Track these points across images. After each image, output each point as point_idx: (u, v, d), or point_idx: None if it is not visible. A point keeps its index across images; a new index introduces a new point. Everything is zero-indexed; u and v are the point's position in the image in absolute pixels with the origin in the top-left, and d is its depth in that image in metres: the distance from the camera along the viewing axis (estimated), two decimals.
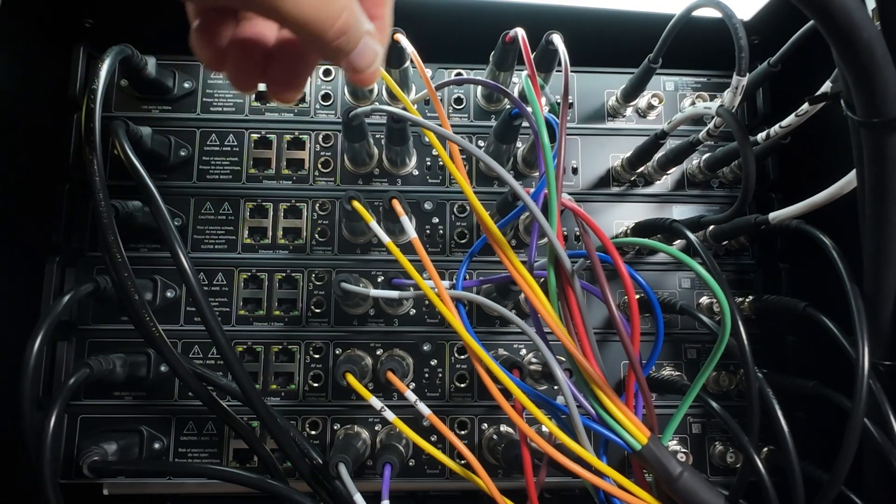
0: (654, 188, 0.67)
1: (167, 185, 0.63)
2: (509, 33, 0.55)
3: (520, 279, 0.44)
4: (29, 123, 0.61)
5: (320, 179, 0.64)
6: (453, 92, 0.67)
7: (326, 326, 0.62)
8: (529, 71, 0.49)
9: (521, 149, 0.64)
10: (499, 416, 0.62)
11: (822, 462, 0.52)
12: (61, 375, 0.59)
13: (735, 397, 0.63)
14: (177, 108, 0.64)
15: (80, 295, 0.53)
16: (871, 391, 0.47)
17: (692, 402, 0.48)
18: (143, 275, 0.60)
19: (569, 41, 0.53)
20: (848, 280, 0.49)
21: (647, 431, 0.42)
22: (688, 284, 0.66)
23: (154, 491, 0.60)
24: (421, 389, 0.62)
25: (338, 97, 0.66)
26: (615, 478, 0.44)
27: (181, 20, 0.32)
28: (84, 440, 0.57)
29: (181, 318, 0.61)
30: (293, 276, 0.62)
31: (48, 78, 0.63)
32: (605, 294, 0.44)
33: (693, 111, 0.54)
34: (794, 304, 0.56)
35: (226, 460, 0.60)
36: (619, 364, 0.64)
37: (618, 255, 0.44)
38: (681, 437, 0.63)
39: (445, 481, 0.61)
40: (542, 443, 0.44)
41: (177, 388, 0.60)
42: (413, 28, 0.54)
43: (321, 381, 0.61)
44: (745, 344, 0.47)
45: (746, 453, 0.47)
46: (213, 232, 0.63)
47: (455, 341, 0.63)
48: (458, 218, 0.64)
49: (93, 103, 0.49)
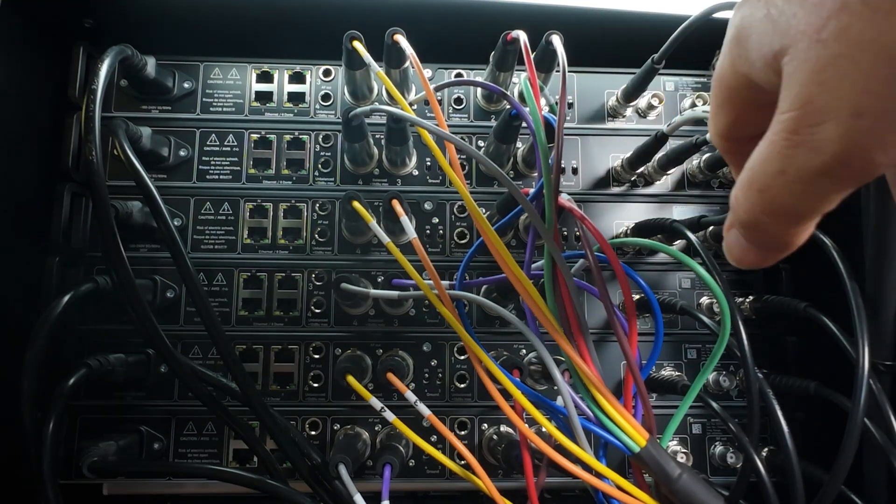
0: (655, 188, 0.66)
1: (167, 185, 0.63)
2: (511, 33, 0.55)
3: (516, 281, 0.44)
4: (29, 124, 0.61)
5: (320, 179, 0.64)
6: (453, 92, 0.66)
7: (326, 327, 0.62)
8: (529, 73, 0.49)
9: (521, 149, 0.64)
10: (499, 417, 0.62)
11: (822, 462, 0.52)
12: (61, 375, 0.59)
13: (735, 397, 0.63)
14: (177, 108, 0.64)
15: (79, 295, 0.53)
16: (871, 391, 0.47)
17: (692, 402, 0.48)
18: (143, 275, 0.60)
19: (569, 41, 0.53)
20: (848, 280, 0.48)
21: (646, 433, 0.42)
22: (688, 284, 0.66)
23: (154, 491, 0.60)
24: (421, 390, 0.62)
25: (338, 97, 0.66)
26: (614, 479, 0.44)
27: (181, 20, 0.32)
28: (84, 440, 0.57)
29: (181, 319, 0.61)
30: (293, 276, 0.62)
31: (48, 78, 0.63)
32: (602, 295, 0.44)
33: (692, 114, 0.54)
34: (794, 304, 0.56)
35: (225, 461, 0.60)
36: (619, 365, 0.63)
37: (615, 255, 0.44)
38: (681, 437, 0.63)
39: (445, 482, 0.61)
40: (541, 444, 0.44)
41: (176, 389, 0.60)
42: (413, 28, 0.54)
43: (321, 381, 0.61)
44: (745, 344, 0.47)
45: (746, 453, 0.47)
46: (212, 232, 0.63)
47: (455, 341, 0.63)
48: (458, 218, 0.64)
49: (92, 103, 0.49)
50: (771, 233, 0.24)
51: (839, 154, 0.20)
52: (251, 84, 0.65)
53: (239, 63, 0.65)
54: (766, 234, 0.24)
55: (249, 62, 0.65)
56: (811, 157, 0.20)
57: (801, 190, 0.21)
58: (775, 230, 0.24)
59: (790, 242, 0.25)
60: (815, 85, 0.20)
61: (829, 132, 0.20)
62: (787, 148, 0.21)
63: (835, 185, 0.21)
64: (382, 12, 0.65)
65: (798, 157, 0.21)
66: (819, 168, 0.20)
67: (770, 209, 0.23)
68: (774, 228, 0.24)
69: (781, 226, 0.23)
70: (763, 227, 0.24)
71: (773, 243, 0.25)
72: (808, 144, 0.20)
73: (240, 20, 0.68)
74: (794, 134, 0.21)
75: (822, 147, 0.20)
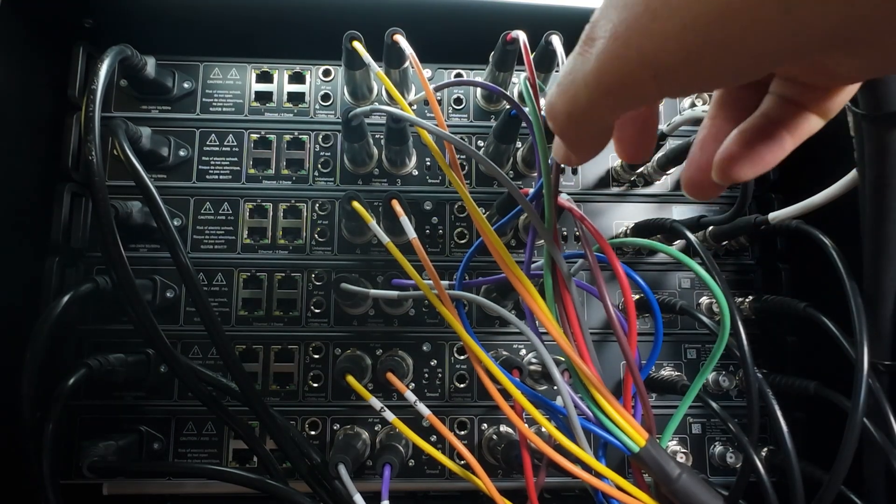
0: (654, 188, 0.66)
1: (167, 185, 0.63)
2: (510, 33, 0.55)
3: (515, 281, 0.44)
4: (29, 124, 0.61)
5: (320, 179, 0.64)
6: (453, 92, 0.67)
7: (326, 327, 0.62)
8: (529, 73, 0.49)
9: (520, 149, 0.64)
10: (498, 417, 0.62)
11: (821, 462, 0.52)
12: (61, 375, 0.59)
13: (735, 397, 0.63)
14: (176, 108, 0.64)
15: (79, 295, 0.53)
16: (871, 391, 0.47)
17: (692, 402, 0.48)
18: (142, 275, 0.60)
19: (569, 41, 0.53)
20: (847, 280, 0.48)
21: (645, 433, 0.42)
22: (688, 284, 0.66)
23: (154, 491, 0.60)
24: (420, 390, 0.62)
25: (337, 97, 0.66)
26: (614, 479, 0.44)
27: (181, 20, 0.32)
28: (84, 440, 0.57)
29: (181, 319, 0.61)
30: (293, 276, 0.62)
31: (48, 78, 0.63)
32: (602, 295, 0.44)
33: (692, 114, 0.54)
34: (794, 304, 0.56)
35: (225, 461, 0.60)
36: (619, 364, 0.63)
37: (614, 255, 0.44)
38: (681, 437, 0.63)
39: (445, 482, 0.61)
40: (540, 444, 0.44)
41: (176, 389, 0.60)
42: (413, 28, 0.54)
43: (321, 381, 0.61)
44: (744, 344, 0.47)
45: (746, 453, 0.47)
46: (212, 232, 0.63)
47: (455, 341, 0.63)
48: (458, 218, 0.64)
49: (92, 103, 0.49)
50: (565, 127, 0.28)
51: (597, 68, 0.23)
52: (251, 84, 0.65)
53: (239, 63, 0.65)
54: (561, 127, 0.28)
55: (249, 62, 0.65)
56: (582, 65, 0.24)
57: (577, 91, 0.25)
58: (566, 125, 0.28)
59: (583, 141, 0.29)
60: (600, 10, 0.23)
61: (595, 49, 0.23)
62: (575, 55, 0.25)
63: (600, 94, 0.24)
64: (382, 12, 0.65)
65: (577, 64, 0.24)
66: (586, 74, 0.24)
67: (561, 104, 0.27)
68: (566, 123, 0.27)
69: (571, 121, 0.27)
70: (558, 120, 0.27)
71: (569, 139, 0.29)
72: (584, 55, 0.24)
73: (240, 20, 0.68)
74: (582, 45, 0.24)
75: (589, 59, 0.24)
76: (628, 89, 0.23)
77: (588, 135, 0.28)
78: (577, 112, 0.26)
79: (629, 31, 0.22)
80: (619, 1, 0.22)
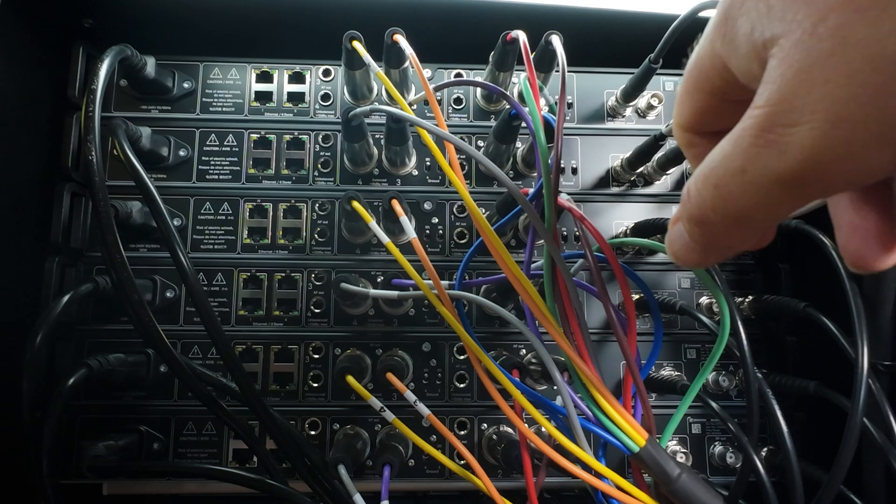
0: (654, 188, 0.66)
1: (167, 185, 0.63)
2: (510, 33, 0.55)
3: (515, 281, 0.44)
4: (29, 124, 0.61)
5: (320, 179, 0.64)
6: (453, 92, 0.66)
7: (326, 326, 0.62)
8: (529, 73, 0.49)
9: (520, 149, 0.64)
10: (498, 416, 0.62)
11: (821, 462, 0.52)
12: (61, 375, 0.59)
13: (734, 397, 0.63)
14: (176, 108, 0.64)
15: (79, 295, 0.53)
16: (871, 391, 0.47)
17: (692, 402, 0.48)
18: (142, 275, 0.60)
19: (569, 41, 0.53)
20: (847, 280, 0.49)
21: (645, 433, 0.42)
22: (687, 284, 0.66)
23: (154, 491, 0.60)
24: (420, 389, 0.62)
25: (337, 97, 0.66)
26: (613, 479, 0.44)
27: (181, 20, 0.32)
28: (84, 440, 0.57)
29: (181, 319, 0.61)
30: (293, 276, 0.62)
31: (48, 78, 0.63)
32: (602, 295, 0.44)
33: None
34: (793, 304, 0.56)
35: (225, 461, 0.60)
36: (619, 364, 0.63)
37: (614, 255, 0.44)
38: (680, 437, 0.63)
39: (445, 481, 0.61)
40: (540, 444, 0.44)
41: (176, 389, 0.60)
42: (413, 28, 0.54)
43: (321, 381, 0.61)
44: (744, 344, 0.47)
45: (746, 453, 0.47)
46: (212, 232, 0.63)
47: (455, 341, 0.63)
48: (458, 218, 0.64)
49: (92, 103, 0.49)
50: (717, 234, 0.23)
51: (804, 162, 0.19)
52: (251, 84, 0.65)
53: (239, 63, 0.65)
54: (712, 234, 0.23)
55: (249, 62, 0.65)
56: (776, 160, 0.19)
57: (757, 193, 0.20)
58: (722, 232, 0.23)
59: (734, 247, 0.24)
60: (799, 83, 0.18)
61: (800, 137, 0.18)
62: (753, 146, 0.20)
63: (790, 196, 0.20)
64: (382, 12, 0.65)
65: (762, 158, 0.20)
66: (781, 173, 0.19)
67: (722, 208, 0.22)
68: (722, 230, 0.23)
69: (730, 228, 0.22)
70: (711, 226, 0.23)
71: (717, 245, 0.24)
72: (775, 146, 0.19)
73: (240, 20, 0.67)
74: (764, 132, 0.19)
75: (790, 152, 0.19)
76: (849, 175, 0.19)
77: (751, 237, 0.23)
78: (748, 211, 0.21)
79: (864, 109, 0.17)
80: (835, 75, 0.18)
